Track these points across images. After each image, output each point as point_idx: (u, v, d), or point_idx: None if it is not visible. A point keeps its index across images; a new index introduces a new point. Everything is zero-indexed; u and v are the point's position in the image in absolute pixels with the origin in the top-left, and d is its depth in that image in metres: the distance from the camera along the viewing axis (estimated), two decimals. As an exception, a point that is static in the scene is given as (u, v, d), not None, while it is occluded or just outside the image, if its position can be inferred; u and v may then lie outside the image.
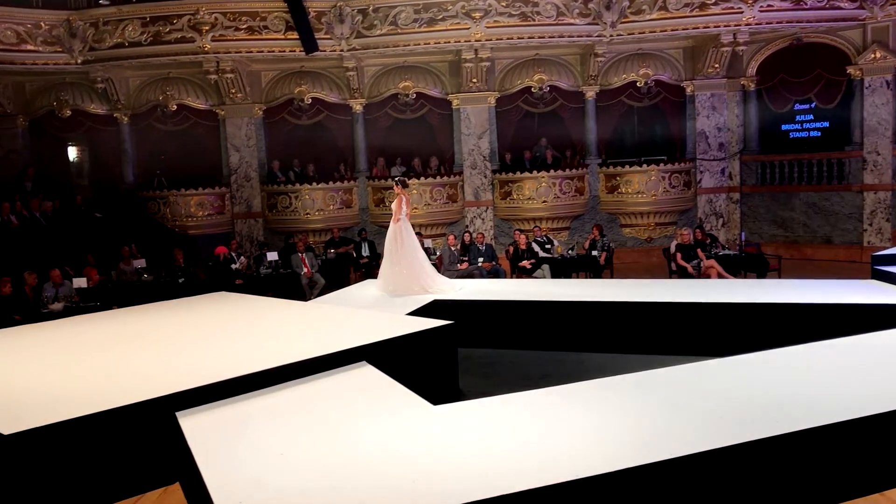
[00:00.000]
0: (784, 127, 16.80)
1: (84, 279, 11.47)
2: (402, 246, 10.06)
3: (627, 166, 16.58)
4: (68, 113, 16.58)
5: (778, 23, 15.31)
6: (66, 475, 5.15)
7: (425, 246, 13.79)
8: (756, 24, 15.22)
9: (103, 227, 15.49)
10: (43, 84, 16.52)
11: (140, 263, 13.26)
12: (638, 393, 5.62)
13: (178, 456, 5.42)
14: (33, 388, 6.10)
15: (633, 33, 15.58)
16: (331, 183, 16.78)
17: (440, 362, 7.53)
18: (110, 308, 10.61)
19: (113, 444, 5.34)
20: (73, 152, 17.23)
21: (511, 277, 13.44)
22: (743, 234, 15.35)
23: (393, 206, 10.37)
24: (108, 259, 13.25)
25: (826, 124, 16.42)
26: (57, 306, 10.82)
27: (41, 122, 16.76)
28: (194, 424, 5.30)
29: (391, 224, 10.18)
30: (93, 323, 9.06)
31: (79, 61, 15.53)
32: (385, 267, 10.22)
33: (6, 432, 4.90)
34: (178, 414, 5.46)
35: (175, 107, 16.60)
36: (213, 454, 4.76)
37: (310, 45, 15.27)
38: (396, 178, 10.80)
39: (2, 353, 7.53)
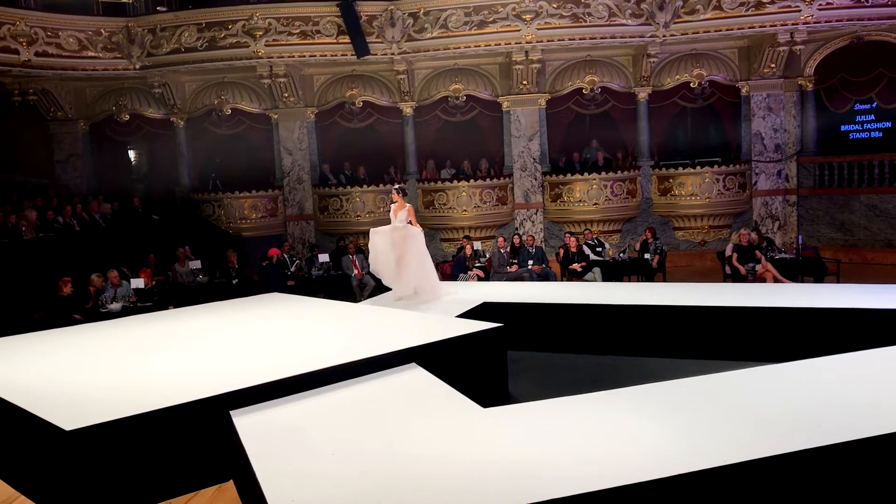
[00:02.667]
0: (843, 127, 16.37)
1: (141, 280, 11.74)
2: (411, 249, 9.86)
3: (680, 168, 16.33)
4: (127, 117, 16.99)
5: (837, 21, 14.92)
6: (125, 470, 5.28)
7: (475, 248, 13.82)
8: (815, 22, 14.86)
9: (160, 229, 15.86)
10: (103, 89, 16.96)
11: (195, 265, 13.52)
12: (691, 398, 5.53)
13: (232, 454, 5.51)
14: (93, 386, 6.27)
15: (686, 33, 15.34)
16: (381, 185, 16.88)
17: (490, 365, 7.52)
18: (166, 308, 10.85)
19: (169, 441, 5.45)
20: (131, 156, 17.65)
21: (561, 280, 13.35)
22: (800, 237, 14.99)
23: (400, 215, 9.99)
24: (164, 260, 13.55)
25: (888, 124, 15.95)
26: (115, 306, 11.08)
27: (101, 126, 17.21)
28: (248, 423, 5.38)
29: (399, 233, 9.91)
30: (149, 323, 9.26)
31: (137, 67, 15.91)
32: (399, 271, 9.93)
33: (67, 428, 5.04)
34: (232, 413, 5.55)
35: (229, 111, 16.90)
36: (266, 453, 4.82)
37: (361, 48, 15.39)
38: (396, 187, 10.61)
39: (63, 351, 7.75)
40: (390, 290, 10.37)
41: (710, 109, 16.86)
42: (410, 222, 10.05)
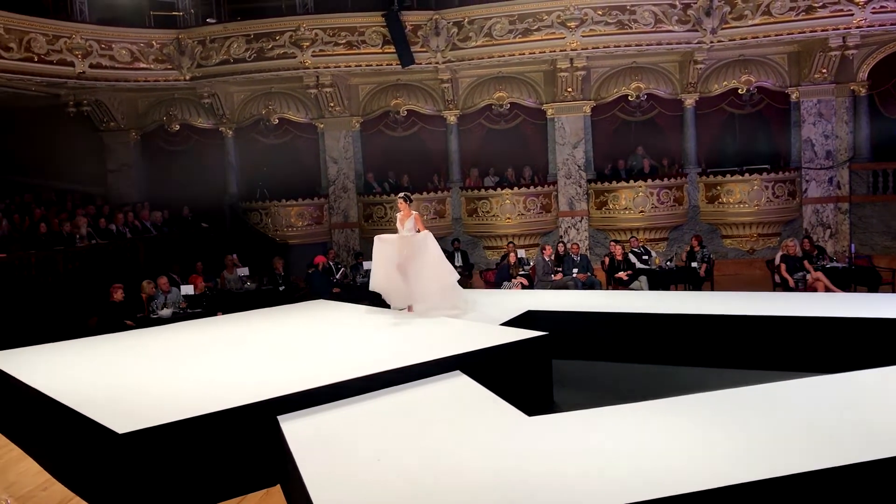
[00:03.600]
0: (898, 133, 15.98)
1: (191, 286, 11.96)
2: (422, 256, 9.39)
3: (728, 175, 16.08)
4: (177, 127, 17.36)
5: (892, 24, 14.57)
6: (175, 473, 5.37)
7: (519, 256, 13.78)
8: (868, 26, 14.54)
9: (208, 237, 16.15)
10: (154, 100, 17.35)
11: (243, 272, 13.73)
12: (738, 409, 5.44)
13: (280, 459, 5.58)
14: (144, 390, 6.40)
15: (734, 39, 15.13)
16: (424, 193, 16.95)
17: (534, 373, 7.49)
18: (215, 315, 11.03)
19: (218, 445, 5.54)
20: (180, 165, 17.96)
21: (607, 289, 13.24)
22: (853, 245, 14.63)
23: (407, 224, 9.51)
24: (212, 267, 13.77)
25: (945, 130, 15.54)
26: (165, 312, 11.31)
27: (152, 136, 17.60)
28: (295, 429, 5.44)
29: (407, 242, 9.42)
30: (199, 329, 9.43)
31: (187, 77, 16.24)
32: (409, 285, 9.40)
33: (120, 431, 5.15)
34: (279, 418, 5.61)
35: (277, 120, 17.15)
36: (313, 458, 4.87)
37: (406, 58, 15.50)
38: (401, 194, 9.91)
39: (115, 356, 7.93)
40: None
41: (759, 116, 16.58)
42: (418, 230, 9.59)
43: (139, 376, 6.95)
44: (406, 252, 9.40)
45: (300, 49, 15.64)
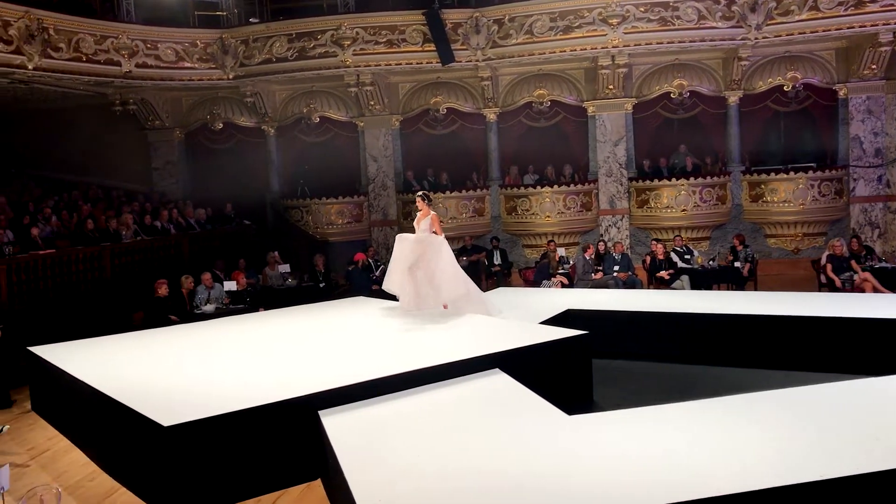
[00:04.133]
0: (951, 131, 15.55)
1: (233, 283, 12.12)
2: (430, 262, 9.15)
3: (773, 174, 15.81)
4: (220, 125, 17.60)
5: (944, 19, 14.19)
6: (218, 466, 5.45)
7: (556, 255, 13.71)
8: (919, 21, 14.18)
9: (251, 234, 16.36)
10: (198, 99, 17.62)
11: (284, 269, 13.87)
12: (781, 411, 5.36)
13: (320, 454, 5.63)
14: (188, 384, 6.51)
15: (780, 35, 14.86)
16: (463, 191, 16.94)
17: (574, 372, 7.46)
18: (257, 310, 11.17)
19: (260, 439, 5.61)
20: (223, 163, 18.21)
21: (648, 288, 13.11)
22: (902, 245, 14.31)
23: (423, 223, 9.35)
24: (255, 264, 13.95)
25: None
26: (209, 308, 11.49)
27: (195, 134, 17.87)
28: (336, 423, 5.49)
29: (419, 243, 9.24)
30: (241, 324, 9.56)
31: (230, 77, 16.45)
32: (410, 286, 9.26)
33: (165, 424, 5.25)
34: (320, 413, 5.67)
35: (318, 119, 17.29)
36: (354, 453, 4.91)
37: (446, 56, 15.51)
38: (420, 193, 9.66)
39: (160, 351, 8.07)
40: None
41: (805, 113, 16.26)
42: (435, 232, 9.33)
43: (183, 370, 7.08)
44: (418, 254, 9.23)
45: (341, 48, 15.74)
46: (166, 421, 5.28)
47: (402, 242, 9.41)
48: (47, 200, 14.27)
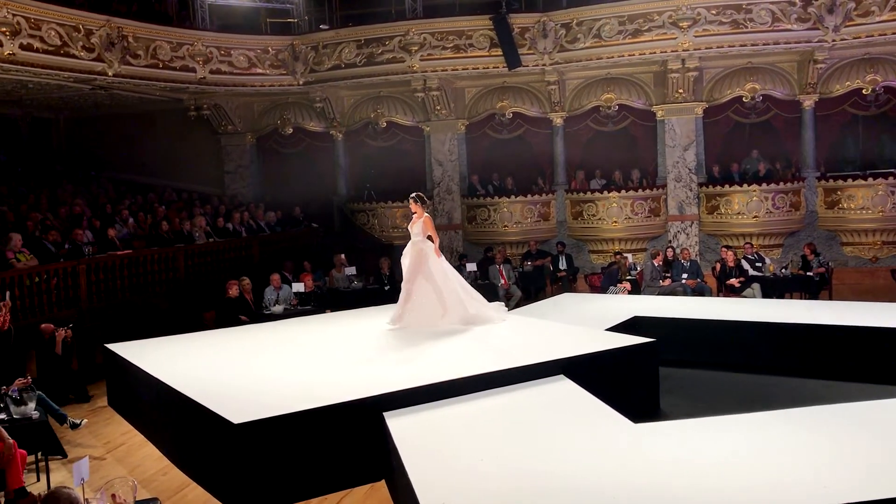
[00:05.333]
0: None
1: (301, 284, 12.32)
2: (433, 271, 8.79)
3: (850, 180, 15.28)
4: (290, 130, 17.93)
5: None
6: (285, 464, 5.56)
7: (628, 262, 13.53)
8: None
9: (318, 237, 16.63)
10: (269, 104, 17.99)
11: (350, 271, 14.04)
12: (854, 425, 5.19)
13: (384, 455, 5.68)
14: (258, 383, 6.65)
15: (859, 37, 14.35)
16: (529, 196, 16.86)
17: (641, 380, 7.36)
18: (324, 312, 11.33)
19: (326, 438, 5.70)
20: (293, 166, 18.55)
21: (717, 296, 12.83)
22: None
23: (416, 227, 8.94)
24: (322, 266, 14.16)
25: None
26: (277, 309, 11.71)
27: (266, 138, 18.25)
28: (400, 426, 5.53)
29: (416, 250, 8.88)
30: (309, 325, 9.72)
31: (300, 82, 16.75)
32: (413, 297, 8.85)
33: (236, 421, 5.37)
34: (385, 414, 5.72)
35: (384, 123, 17.46)
36: (419, 455, 4.94)
37: (513, 60, 15.48)
38: (413, 194, 9.15)
39: (230, 350, 8.27)
40: (535, 300, 10.00)
41: (885, 117, 15.66)
42: (430, 237, 8.93)
43: (253, 370, 7.24)
44: (407, 261, 8.95)
45: (409, 53, 15.87)
46: (237, 418, 5.40)
47: (405, 258, 9.10)
48: (124, 202, 14.77)
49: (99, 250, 11.84)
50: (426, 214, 9.04)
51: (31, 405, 6.63)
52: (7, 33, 11.92)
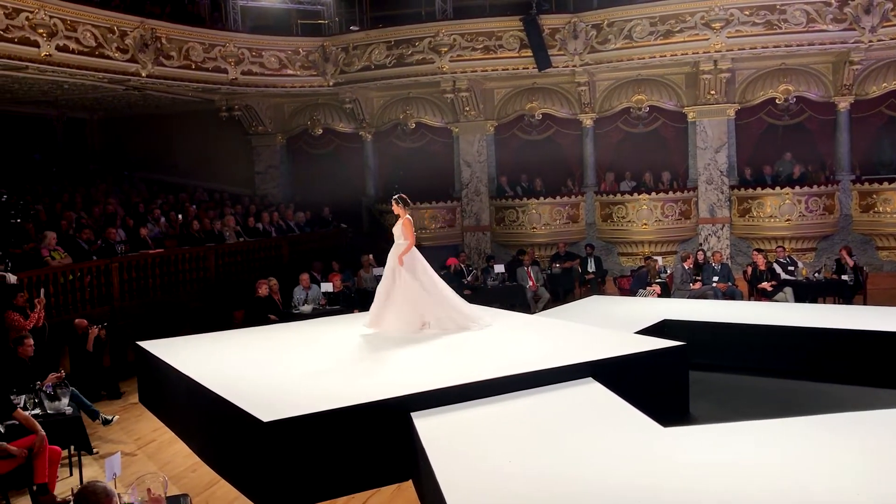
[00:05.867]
0: None
1: (330, 284, 12.39)
2: (415, 278, 8.67)
3: (886, 183, 15.02)
4: (320, 131, 18.03)
5: None
6: (313, 463, 5.58)
7: (657, 265, 13.41)
8: None
9: (347, 237, 16.69)
10: (299, 105, 18.10)
11: (378, 271, 14.00)
12: (892, 432, 5.09)
13: (411, 455, 5.69)
14: (287, 382, 6.70)
15: (896, 38, 14.13)
16: (558, 198, 16.80)
17: (670, 384, 7.29)
18: (352, 312, 11.37)
19: (354, 438, 5.71)
20: (322, 167, 18.67)
21: (748, 300, 12.68)
22: None
23: (396, 229, 8.96)
24: (350, 266, 14.21)
25: None
26: (306, 308, 11.78)
27: (296, 139, 18.37)
28: (428, 426, 5.53)
29: (395, 253, 8.79)
30: (337, 325, 9.75)
31: (330, 83, 16.83)
32: (378, 303, 8.76)
33: (265, 420, 5.41)
34: (412, 415, 5.72)
35: (413, 125, 17.49)
36: (446, 456, 4.94)
37: (543, 61, 15.43)
38: (396, 196, 9.17)
39: (260, 349, 8.32)
40: (563, 303, 9.93)
41: (923, 119, 15.40)
42: (407, 239, 8.85)
43: (282, 369, 7.28)
44: (389, 264, 8.84)
45: (438, 54, 15.89)
46: (266, 416, 5.44)
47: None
48: (156, 201, 14.94)
49: (131, 249, 11.99)
50: (407, 217, 8.97)
51: (65, 401, 6.72)
52: (44, 35, 12.12)
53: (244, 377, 6.87)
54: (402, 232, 8.88)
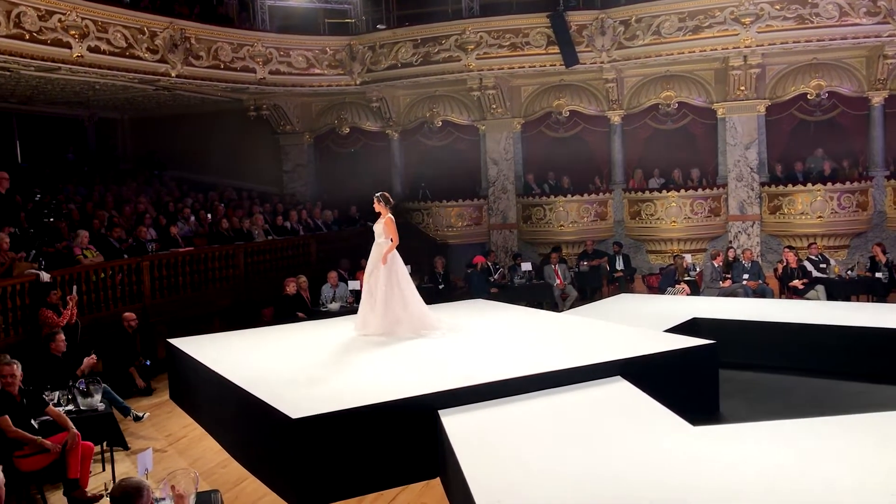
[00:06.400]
0: None
1: (357, 282, 12.42)
2: (392, 279, 8.59)
3: (922, 179, 14.76)
4: (347, 130, 18.10)
5: None
6: (341, 460, 5.61)
7: (686, 262, 13.31)
8: None
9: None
10: (326, 104, 18.18)
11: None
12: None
13: (439, 452, 5.69)
14: (315, 380, 6.73)
15: (933, 30, 13.85)
16: (585, 195, 16.70)
17: (700, 382, 7.23)
18: (378, 310, 11.37)
19: (381, 435, 5.73)
20: (349, 166, 18.74)
21: (779, 298, 12.52)
22: None
23: (377, 227, 8.84)
24: (377, 265, 14.23)
25: None
26: (333, 306, 11.84)
27: (323, 138, 18.45)
28: (455, 424, 5.54)
29: (377, 252, 8.73)
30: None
31: (357, 82, 16.89)
32: (366, 305, 8.71)
33: (294, 417, 5.44)
34: (440, 412, 5.73)
35: (440, 123, 17.49)
36: (473, 454, 4.94)
37: (570, 58, 15.35)
38: (378, 194, 9.05)
39: (288, 346, 8.37)
40: (591, 301, 9.89)
41: (959, 114, 15.09)
42: (392, 240, 8.75)
43: (310, 366, 7.32)
44: (371, 264, 8.79)
45: (465, 52, 15.87)
46: (295, 413, 5.47)
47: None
48: (186, 200, 15.09)
49: (162, 247, 12.12)
50: (389, 215, 8.89)
51: (98, 397, 6.82)
52: (76, 36, 12.29)
53: (273, 374, 6.92)
54: (383, 230, 8.82)
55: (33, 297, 9.12)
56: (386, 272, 8.67)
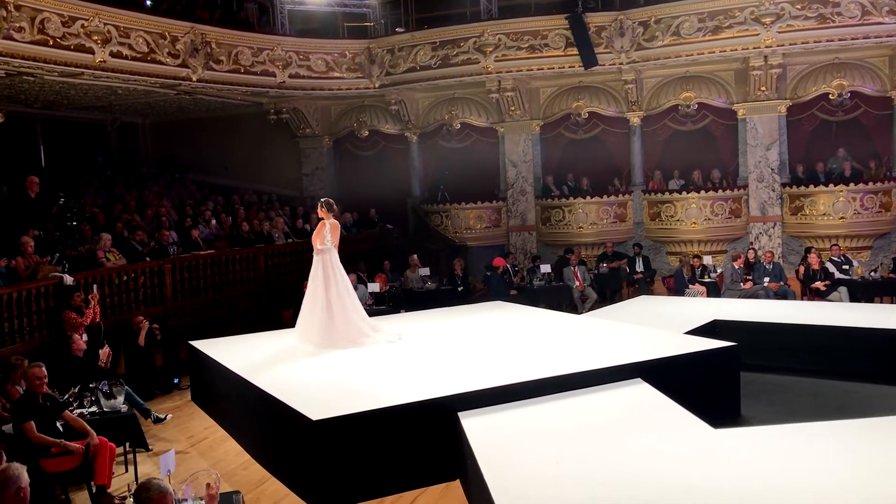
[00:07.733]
0: None
1: (377, 284, 12.48)
2: (330, 285, 8.42)
3: (946, 179, 14.58)
4: (366, 133, 18.17)
5: None
6: (361, 461, 5.63)
7: (704, 263, 13.22)
8: None
9: (393, 238, 16.77)
10: (345, 107, 18.26)
11: (424, 272, 14.14)
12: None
13: (459, 454, 5.70)
14: (334, 381, 6.76)
15: (957, 29, 13.68)
16: (605, 197, 16.65)
17: (721, 385, 7.19)
18: (398, 312, 11.43)
19: (401, 437, 5.74)
20: (368, 168, 18.81)
21: (801, 299, 12.41)
22: None
23: (322, 233, 8.72)
24: (396, 266, 14.29)
25: None
26: (352, 308, 11.85)
27: (343, 141, 18.54)
28: (475, 426, 5.54)
29: (325, 260, 8.57)
30: (384, 325, 9.77)
31: (376, 85, 16.94)
32: (305, 312, 8.49)
33: (314, 418, 5.47)
34: (459, 414, 5.73)
35: (459, 125, 17.49)
36: (494, 456, 4.94)
37: (589, 59, 15.31)
38: (323, 200, 9.00)
39: (308, 348, 8.40)
40: (610, 303, 9.84)
41: (984, 113, 14.89)
42: (333, 245, 8.67)
43: (330, 368, 7.35)
44: (318, 272, 8.57)
45: (483, 54, 15.87)
46: (315, 415, 5.50)
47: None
48: (207, 203, 15.20)
49: (183, 250, 12.23)
50: (332, 220, 8.78)
51: (121, 399, 6.89)
52: (99, 41, 12.42)
53: (293, 376, 6.97)
54: (320, 234, 8.69)
55: (57, 299, 9.22)
56: (328, 281, 8.50)
